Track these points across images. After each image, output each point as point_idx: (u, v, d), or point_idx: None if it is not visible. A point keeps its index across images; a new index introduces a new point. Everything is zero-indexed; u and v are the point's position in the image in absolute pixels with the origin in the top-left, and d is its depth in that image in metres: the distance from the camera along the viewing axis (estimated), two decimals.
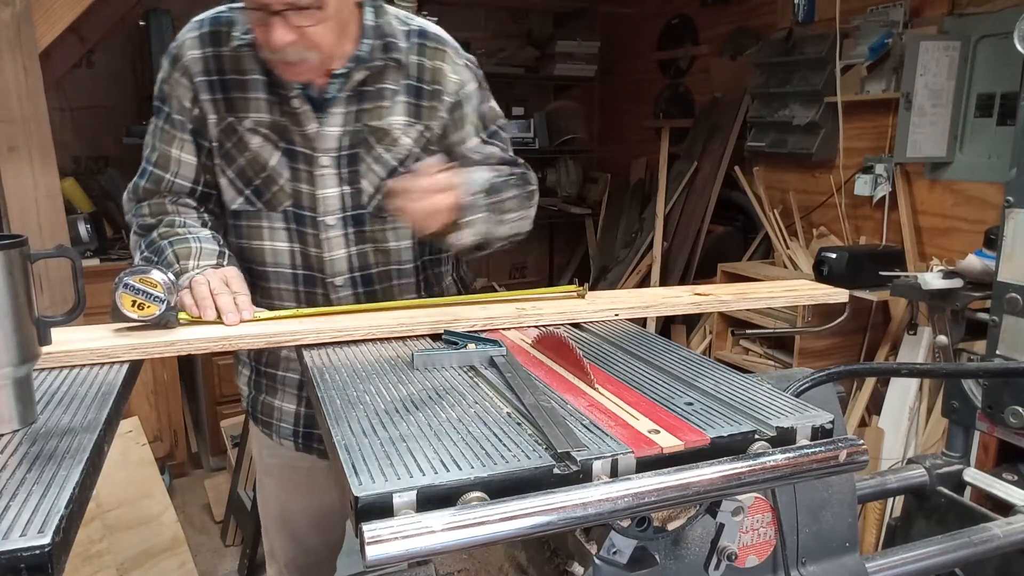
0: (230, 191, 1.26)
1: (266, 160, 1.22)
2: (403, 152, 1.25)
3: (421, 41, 1.26)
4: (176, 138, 1.25)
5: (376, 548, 0.55)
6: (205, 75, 1.21)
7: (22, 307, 0.74)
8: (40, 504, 0.58)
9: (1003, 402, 1.45)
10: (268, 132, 1.21)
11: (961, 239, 2.81)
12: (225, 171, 1.25)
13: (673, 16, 4.42)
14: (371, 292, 1.31)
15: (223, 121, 1.22)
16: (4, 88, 2.26)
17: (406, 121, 1.25)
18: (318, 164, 1.22)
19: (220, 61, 1.21)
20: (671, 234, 4.03)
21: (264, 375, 1.39)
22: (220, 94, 1.21)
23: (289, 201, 1.24)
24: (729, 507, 0.75)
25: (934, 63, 2.74)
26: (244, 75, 1.20)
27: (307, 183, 1.23)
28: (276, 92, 1.20)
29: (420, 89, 1.25)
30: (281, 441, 1.41)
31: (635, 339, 1.05)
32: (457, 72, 1.28)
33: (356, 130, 1.22)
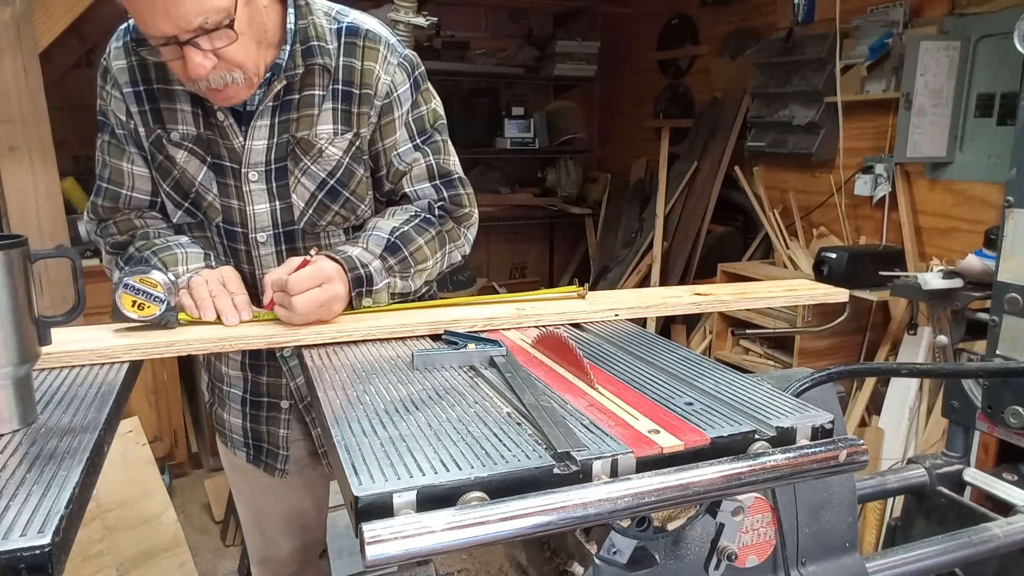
0: (169, 204, 1.23)
1: (193, 175, 1.18)
2: (331, 164, 1.19)
3: (351, 40, 1.18)
4: (124, 152, 1.21)
5: (376, 548, 0.55)
6: (132, 86, 1.16)
7: (22, 307, 0.74)
8: (40, 504, 0.58)
9: (1003, 402, 1.45)
10: (193, 147, 1.17)
11: (961, 239, 2.81)
12: (162, 185, 1.21)
13: (673, 16, 4.42)
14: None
15: (151, 134, 1.17)
16: (4, 88, 2.26)
17: (334, 129, 1.18)
18: (247, 179, 1.17)
19: (145, 70, 1.15)
20: (671, 234, 4.03)
21: (214, 386, 1.40)
22: (147, 105, 1.16)
23: (219, 217, 1.21)
24: (729, 507, 0.75)
25: (934, 63, 2.74)
26: (170, 84, 1.15)
27: (236, 199, 1.19)
28: (202, 104, 1.15)
29: (349, 93, 1.18)
30: (235, 452, 1.42)
31: (635, 339, 1.05)
32: (388, 72, 1.19)
33: (283, 142, 1.17)
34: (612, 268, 4.29)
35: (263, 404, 1.35)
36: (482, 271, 4.98)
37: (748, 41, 3.85)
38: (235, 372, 1.34)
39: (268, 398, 1.34)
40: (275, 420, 1.36)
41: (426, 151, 1.25)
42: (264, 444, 1.38)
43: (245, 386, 1.35)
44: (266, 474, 1.40)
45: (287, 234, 1.22)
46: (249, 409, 1.36)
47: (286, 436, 1.36)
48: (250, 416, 1.37)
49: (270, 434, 1.37)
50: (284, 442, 1.36)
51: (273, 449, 1.37)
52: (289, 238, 1.23)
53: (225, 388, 1.37)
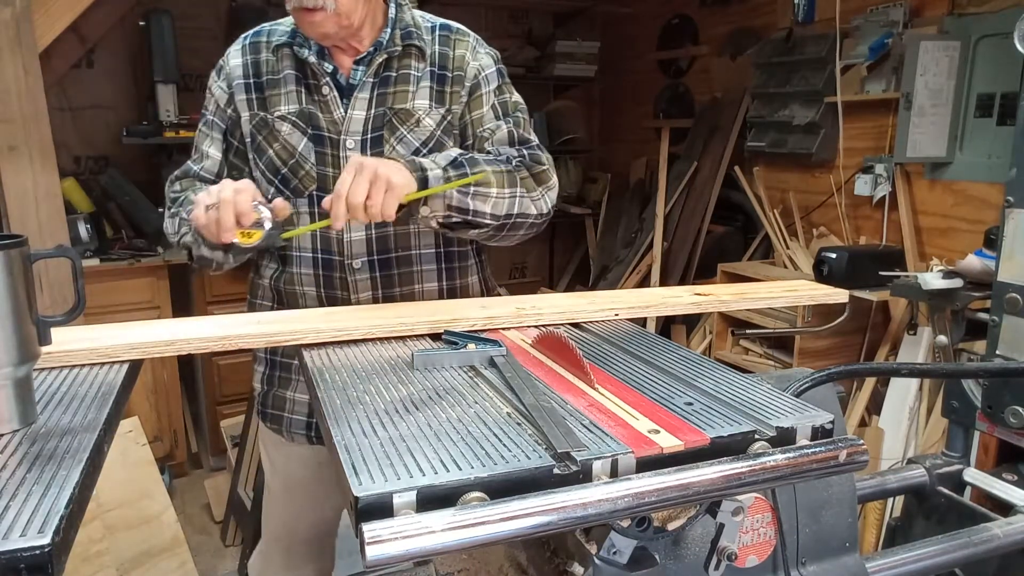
0: (263, 183, 1.33)
1: (294, 146, 1.30)
2: (425, 134, 1.31)
3: (444, 33, 1.37)
4: (208, 136, 1.38)
5: (376, 548, 0.55)
6: (243, 78, 1.34)
7: (22, 307, 0.74)
8: (40, 504, 0.58)
9: (1003, 402, 1.45)
10: (296, 120, 1.30)
11: (961, 239, 2.81)
12: (258, 163, 1.34)
13: (673, 16, 4.42)
14: (389, 276, 1.34)
15: (255, 117, 1.33)
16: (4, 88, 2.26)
17: (429, 104, 1.32)
18: (343, 147, 1.29)
19: (258, 66, 1.34)
20: (671, 234, 4.03)
21: (279, 367, 1.42)
22: (255, 94, 1.33)
23: (314, 185, 1.31)
24: (729, 507, 0.75)
25: (934, 63, 2.74)
26: (278, 74, 1.32)
27: (332, 166, 1.30)
28: (307, 84, 1.31)
29: (443, 76, 1.34)
30: (293, 436, 1.41)
31: (635, 339, 1.05)
32: (477, 58, 1.36)
33: (380, 113, 1.30)
34: (612, 268, 4.29)
35: None
36: None
37: (748, 41, 3.84)
38: None
39: None
40: None
41: (508, 122, 1.38)
42: None
43: None
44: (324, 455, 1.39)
45: None
46: None
47: None
48: None
49: None
50: None
51: None
52: None
53: (295, 363, 1.38)
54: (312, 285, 1.34)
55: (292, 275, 1.35)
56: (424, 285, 1.37)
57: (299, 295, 1.35)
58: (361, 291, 1.33)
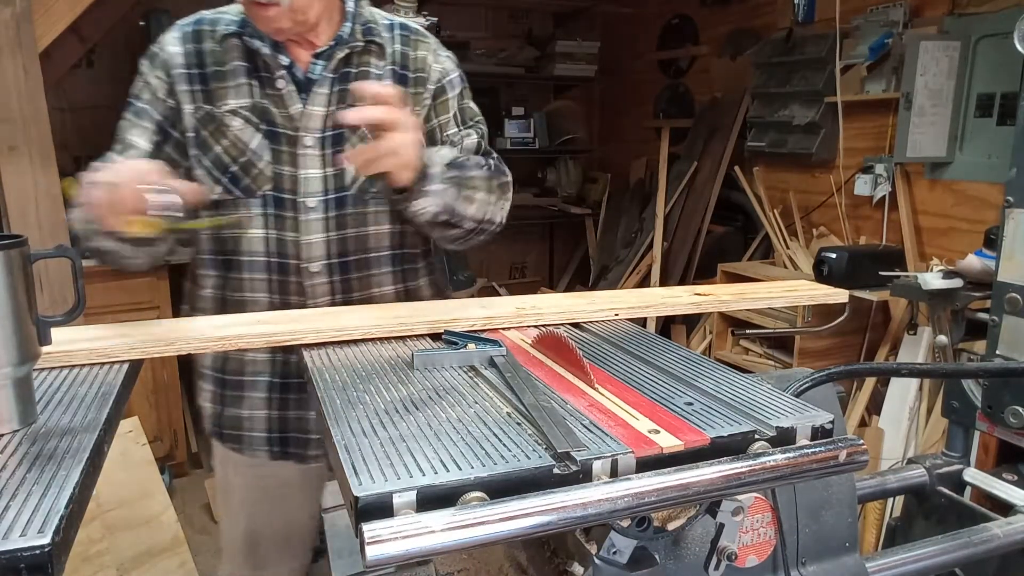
0: (208, 180, 1.25)
1: (246, 143, 1.23)
2: None
3: (404, 33, 1.32)
4: (136, 126, 1.26)
5: (376, 548, 0.55)
6: (184, 68, 1.24)
7: (22, 307, 0.74)
8: (40, 504, 0.58)
9: (1003, 402, 1.45)
10: (248, 115, 1.23)
11: (961, 239, 2.81)
12: (202, 160, 1.25)
13: (673, 16, 4.42)
14: (347, 281, 1.29)
15: (200, 111, 1.24)
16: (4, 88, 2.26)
17: None
18: (301, 144, 1.24)
19: (201, 56, 1.25)
20: (671, 234, 4.03)
21: (229, 385, 1.35)
22: (199, 85, 1.24)
23: (269, 184, 1.25)
24: (729, 507, 0.75)
25: (934, 63, 2.74)
26: (225, 65, 1.24)
27: (289, 164, 1.24)
28: (259, 76, 1.24)
29: (404, 76, 1.30)
30: (254, 453, 1.37)
31: (635, 339, 1.05)
32: (439, 61, 1.33)
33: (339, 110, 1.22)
34: (612, 268, 4.29)
35: (291, 386, 1.32)
36: (482, 271, 4.98)
37: (748, 41, 3.85)
38: (263, 356, 1.31)
39: (297, 379, 1.32)
40: (304, 402, 1.33)
41: (476, 131, 1.38)
42: (290, 433, 1.35)
43: (272, 369, 1.32)
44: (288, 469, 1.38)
45: (338, 200, 1.26)
46: (277, 394, 1.33)
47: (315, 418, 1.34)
48: (276, 402, 1.33)
49: (298, 419, 1.34)
50: (316, 424, 1.34)
51: (303, 436, 1.35)
52: (339, 204, 1.27)
53: (247, 379, 1.33)
54: (264, 291, 1.28)
55: (240, 281, 1.28)
56: (381, 288, 1.34)
57: (248, 303, 1.28)
58: (319, 296, 1.28)
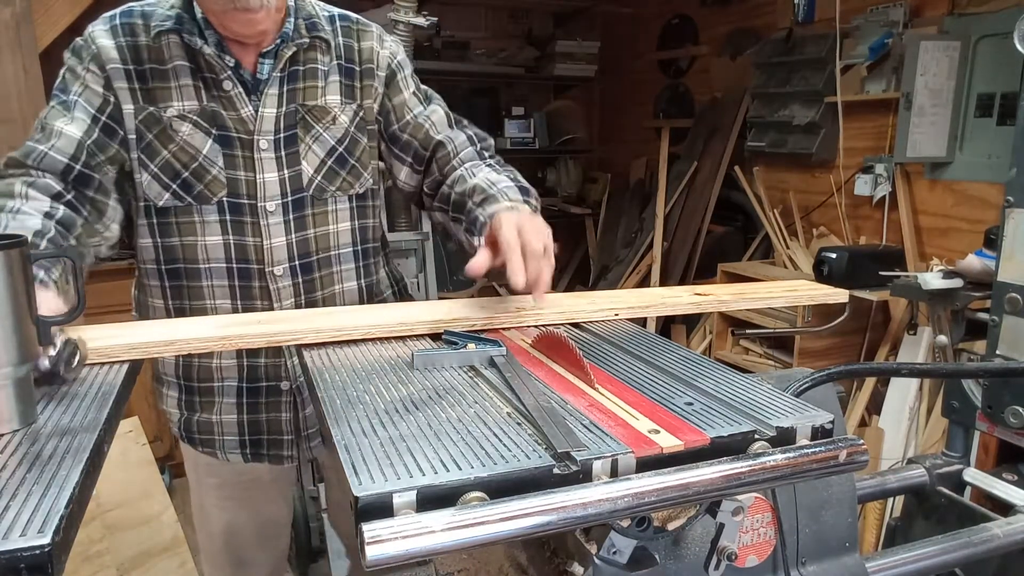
0: (155, 187, 1.20)
1: (197, 149, 1.18)
2: (340, 131, 1.26)
3: (345, 24, 1.29)
4: (66, 116, 1.16)
5: (376, 548, 0.55)
6: (120, 63, 1.17)
7: (22, 307, 0.74)
8: (40, 504, 0.58)
9: (1003, 402, 1.45)
10: (198, 119, 1.18)
11: (961, 239, 2.81)
12: (148, 165, 1.19)
13: (673, 16, 4.42)
14: (311, 281, 1.29)
15: (142, 111, 1.17)
16: (4, 88, 2.26)
17: (341, 100, 1.26)
18: (257, 148, 1.20)
19: (137, 51, 1.17)
20: (671, 234, 4.03)
21: (198, 392, 1.33)
22: (137, 84, 1.17)
23: (224, 191, 1.20)
24: (729, 507, 0.75)
25: (934, 63, 2.74)
26: (165, 64, 1.17)
27: (245, 169, 1.21)
28: (203, 78, 1.18)
29: (351, 70, 1.27)
30: (228, 457, 1.36)
31: (635, 339, 1.05)
32: (386, 47, 1.31)
33: (292, 111, 1.22)
34: (612, 268, 4.29)
35: (261, 390, 1.32)
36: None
37: (748, 41, 3.85)
38: (229, 361, 1.30)
39: (267, 382, 1.31)
40: (275, 405, 1.33)
41: (436, 105, 1.35)
42: (263, 436, 1.35)
43: (240, 374, 1.31)
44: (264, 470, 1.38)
45: (296, 202, 1.25)
46: (246, 399, 1.32)
47: (289, 420, 1.34)
48: (247, 407, 1.32)
49: (270, 422, 1.34)
50: (288, 426, 1.34)
51: (276, 438, 1.35)
52: (298, 206, 1.25)
53: (216, 384, 1.32)
54: (226, 298, 1.25)
55: (200, 289, 1.25)
56: (344, 285, 1.33)
57: (209, 309, 1.25)
58: (284, 299, 1.26)
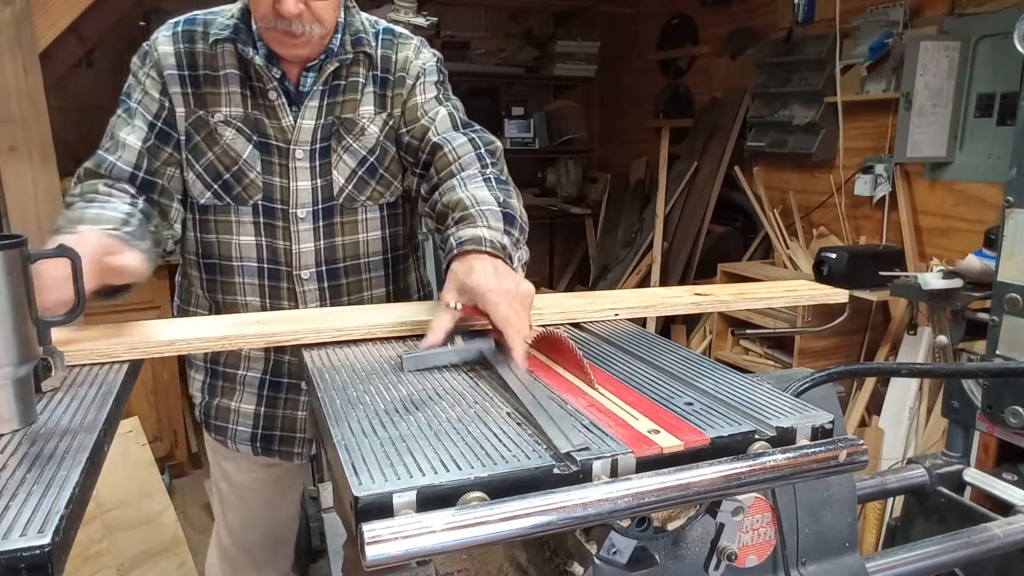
0: (198, 186, 1.26)
1: (238, 153, 1.24)
2: (371, 142, 1.29)
3: (388, 37, 1.32)
4: (129, 124, 1.24)
5: (376, 548, 0.55)
6: (176, 69, 1.23)
7: (22, 307, 0.74)
8: (40, 504, 0.58)
9: (1003, 402, 1.45)
10: (241, 125, 1.23)
11: (961, 239, 2.81)
12: (193, 165, 1.26)
13: (673, 16, 4.42)
14: (337, 287, 1.31)
15: (192, 115, 1.24)
16: (4, 88, 2.26)
17: (374, 111, 1.29)
18: (293, 157, 1.24)
19: (193, 57, 1.23)
20: (671, 234, 4.03)
21: (222, 376, 1.37)
22: (191, 88, 1.23)
23: (260, 194, 1.25)
24: (729, 507, 0.75)
25: (934, 63, 2.74)
26: (217, 71, 1.23)
27: (280, 176, 1.25)
28: (251, 86, 1.23)
29: (386, 79, 1.30)
30: (237, 447, 1.39)
31: (635, 339, 1.05)
32: (420, 58, 1.32)
33: (328, 123, 1.26)
34: (612, 268, 4.29)
35: (283, 386, 1.35)
36: None
37: (748, 41, 3.85)
38: (257, 352, 1.33)
39: (289, 379, 1.34)
40: (294, 403, 1.36)
41: (447, 105, 1.31)
42: (276, 432, 1.37)
43: (266, 367, 1.34)
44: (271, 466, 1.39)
45: (326, 210, 1.28)
46: (267, 392, 1.35)
47: (304, 419, 1.36)
48: (267, 399, 1.35)
49: (285, 419, 1.36)
50: (302, 425, 1.37)
51: (288, 435, 1.37)
52: (328, 214, 1.28)
53: (240, 372, 1.35)
54: (256, 296, 1.30)
55: (233, 285, 1.30)
56: (373, 291, 1.35)
57: (240, 305, 1.30)
58: (309, 301, 1.30)
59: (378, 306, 1.29)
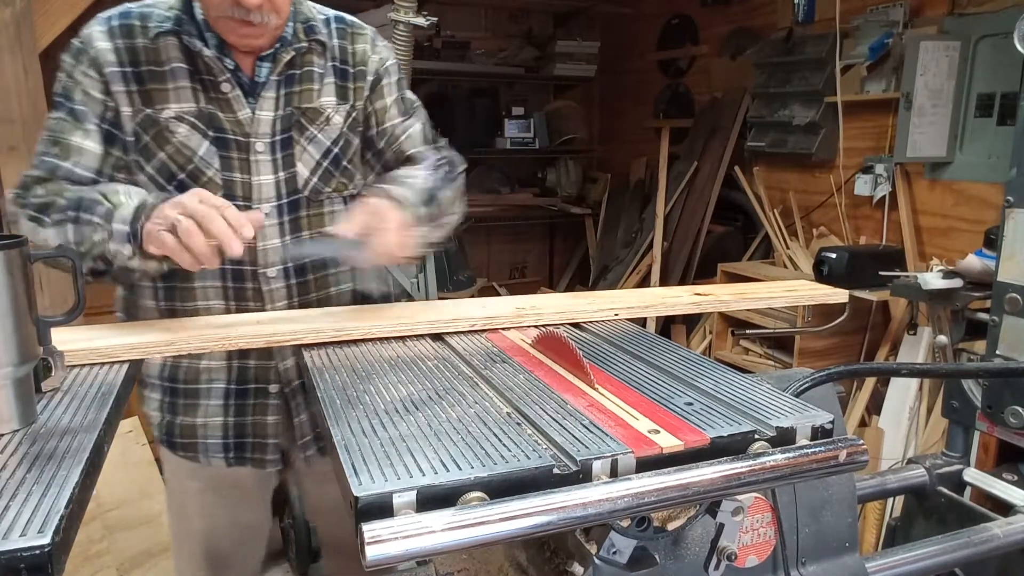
0: (151, 188, 1.19)
1: (193, 150, 1.19)
2: (335, 132, 1.27)
3: (341, 26, 1.30)
4: (79, 128, 1.17)
5: (376, 548, 0.55)
6: (118, 66, 1.17)
7: (22, 307, 0.74)
8: (40, 504, 0.58)
9: (1003, 402, 1.45)
10: (195, 121, 1.18)
11: (961, 239, 2.81)
12: (144, 167, 1.20)
13: (673, 16, 4.42)
14: (304, 283, 1.28)
15: (139, 114, 1.18)
16: (4, 88, 2.26)
17: (336, 102, 1.27)
18: (253, 150, 1.21)
19: (134, 53, 1.17)
20: (671, 234, 4.03)
21: (183, 393, 1.30)
22: (135, 86, 1.17)
23: (220, 192, 1.19)
24: (729, 507, 0.75)
25: (934, 63, 2.74)
26: (162, 66, 1.17)
27: (241, 171, 1.21)
28: (201, 80, 1.19)
29: (345, 71, 1.29)
30: (210, 461, 1.32)
31: (635, 339, 1.05)
32: (377, 51, 1.32)
33: (288, 114, 1.23)
34: (612, 268, 4.29)
35: (250, 392, 1.29)
36: (482, 271, 4.98)
37: (748, 41, 3.85)
38: (218, 362, 1.28)
39: (256, 384, 1.29)
40: (263, 408, 1.30)
41: (417, 119, 1.36)
42: (248, 439, 1.31)
43: (229, 375, 1.28)
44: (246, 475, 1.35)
45: (291, 204, 1.25)
46: (234, 400, 1.29)
47: (276, 424, 1.31)
48: (234, 408, 1.30)
49: (256, 425, 1.31)
50: (274, 430, 1.32)
51: (260, 442, 1.32)
52: (293, 207, 1.25)
53: (202, 387, 1.29)
54: (220, 299, 1.24)
55: (192, 291, 1.23)
56: (339, 287, 1.33)
57: (202, 310, 1.23)
58: (276, 300, 1.25)
59: (378, 306, 1.29)
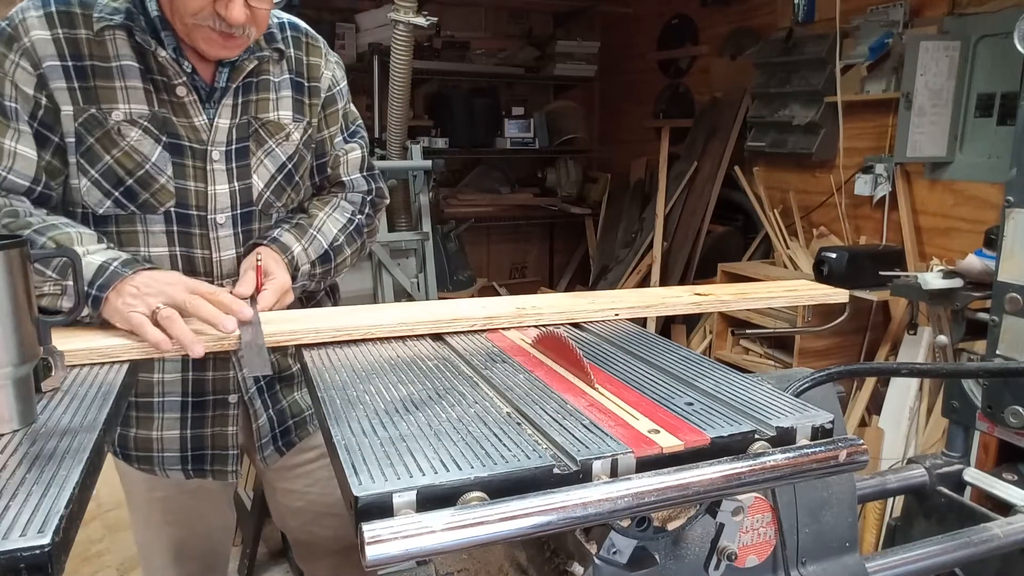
0: (94, 194, 1.12)
1: (145, 156, 1.12)
2: (292, 148, 1.26)
3: (295, 34, 1.27)
4: (9, 128, 1.07)
5: (376, 548, 0.55)
6: (58, 59, 1.07)
7: (22, 307, 0.74)
8: (40, 504, 0.58)
9: (1003, 402, 1.45)
10: (148, 125, 1.12)
11: (961, 239, 2.81)
12: (87, 171, 1.12)
13: (673, 16, 4.42)
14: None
15: (82, 113, 1.09)
16: None
17: (293, 116, 1.26)
18: (209, 159, 1.17)
19: (76, 45, 1.08)
20: (671, 234, 4.03)
21: (135, 406, 1.25)
22: (77, 82, 1.08)
23: (172, 201, 1.15)
24: (729, 507, 0.75)
25: (934, 63, 2.74)
26: (109, 62, 1.09)
27: (196, 180, 1.16)
28: (153, 80, 1.12)
29: (301, 85, 1.27)
30: (167, 473, 1.29)
31: (635, 339, 1.05)
32: (330, 68, 1.31)
33: (245, 123, 1.20)
34: (612, 268, 4.29)
35: (208, 404, 1.26)
36: (482, 271, 4.98)
37: (748, 41, 3.85)
38: (172, 376, 1.24)
39: (214, 395, 1.26)
40: (222, 419, 1.27)
41: (357, 144, 1.37)
42: (207, 451, 1.28)
43: (185, 388, 1.25)
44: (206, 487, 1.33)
45: (244, 215, 1.22)
46: (191, 414, 1.26)
47: (235, 434, 1.29)
48: (192, 421, 1.26)
49: (215, 437, 1.28)
50: (234, 440, 1.29)
51: (221, 453, 1.29)
52: (246, 219, 1.23)
53: (156, 400, 1.25)
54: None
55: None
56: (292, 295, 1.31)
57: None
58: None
59: (378, 306, 1.29)
